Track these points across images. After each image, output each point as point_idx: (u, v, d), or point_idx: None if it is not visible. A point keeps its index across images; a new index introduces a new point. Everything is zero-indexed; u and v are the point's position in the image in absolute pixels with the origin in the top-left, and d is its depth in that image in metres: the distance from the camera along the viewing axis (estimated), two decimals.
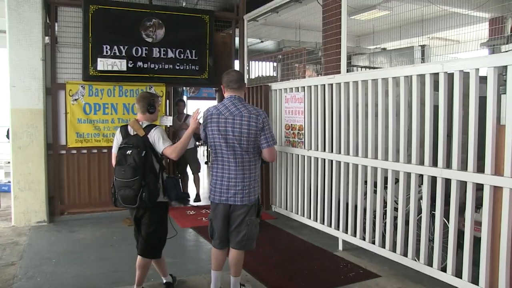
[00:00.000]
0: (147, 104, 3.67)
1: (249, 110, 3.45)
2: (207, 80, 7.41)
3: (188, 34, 7.20)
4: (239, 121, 3.41)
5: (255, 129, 3.41)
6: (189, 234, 5.87)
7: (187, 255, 5.08)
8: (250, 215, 3.55)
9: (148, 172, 3.48)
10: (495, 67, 3.46)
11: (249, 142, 3.42)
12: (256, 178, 3.57)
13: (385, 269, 4.46)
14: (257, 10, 7.33)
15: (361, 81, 4.73)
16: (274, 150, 3.55)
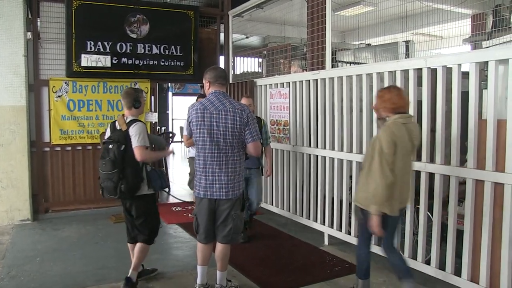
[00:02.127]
0: (133, 100, 3.82)
1: (234, 105, 3.46)
2: (192, 76, 7.38)
3: (173, 30, 7.16)
4: (224, 116, 3.41)
5: (240, 124, 3.41)
6: (175, 230, 5.85)
7: (173, 252, 5.07)
8: (235, 209, 3.57)
9: (127, 166, 3.68)
10: (477, 62, 3.51)
11: (234, 137, 3.42)
12: (241, 172, 3.58)
13: (370, 263, 4.49)
14: (242, 6, 7.31)
15: (346, 76, 4.76)
16: (259, 144, 3.54)
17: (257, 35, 11.80)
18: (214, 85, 3.55)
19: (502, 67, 3.39)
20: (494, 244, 3.43)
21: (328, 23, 5.05)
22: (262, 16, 9.72)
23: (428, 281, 3.97)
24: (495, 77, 3.37)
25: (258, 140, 3.50)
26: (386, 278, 4.16)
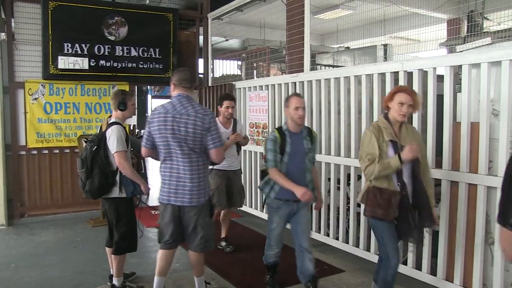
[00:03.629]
0: (118, 102, 3.80)
1: (196, 110, 3.29)
2: None
3: (151, 32, 7.12)
4: (184, 120, 3.24)
5: (201, 129, 3.25)
6: (153, 234, 5.80)
7: (152, 255, 5.02)
8: (203, 216, 3.44)
9: (96, 166, 3.67)
10: (451, 66, 3.59)
11: (195, 142, 3.27)
12: (206, 178, 3.44)
13: (349, 264, 4.54)
14: (222, 9, 7.33)
15: (324, 79, 4.81)
16: (221, 151, 3.38)
17: (236, 38, 11.82)
18: (178, 88, 3.38)
19: (475, 71, 3.46)
20: (468, 243, 3.51)
21: (306, 26, 5.10)
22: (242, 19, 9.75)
23: (405, 280, 4.02)
24: (468, 80, 3.45)
25: (220, 146, 3.37)
26: (365, 279, 4.20)
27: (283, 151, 3.58)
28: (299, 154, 3.63)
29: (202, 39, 7.91)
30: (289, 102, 3.64)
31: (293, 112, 3.57)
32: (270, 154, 3.58)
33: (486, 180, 3.33)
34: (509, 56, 3.16)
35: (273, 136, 3.64)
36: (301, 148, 3.65)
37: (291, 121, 3.64)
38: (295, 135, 3.65)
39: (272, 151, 3.58)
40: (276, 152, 3.57)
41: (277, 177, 3.55)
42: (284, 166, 3.60)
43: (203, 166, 3.39)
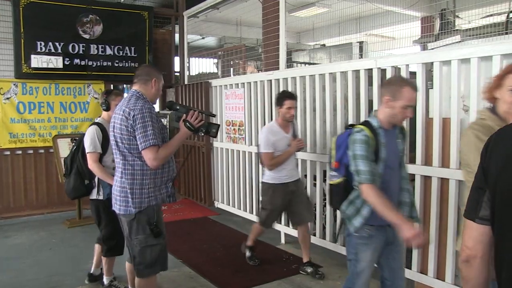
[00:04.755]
0: (101, 102, 3.85)
1: (128, 106, 2.85)
2: None
3: (127, 30, 7.07)
4: (119, 118, 2.89)
5: (126, 127, 2.82)
6: None
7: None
8: (136, 232, 2.88)
9: (74, 166, 3.75)
10: (423, 63, 3.65)
11: (123, 141, 2.84)
12: (143, 186, 2.87)
13: (326, 259, 4.59)
14: (197, 7, 7.30)
15: (299, 77, 4.84)
16: (151, 153, 2.77)
17: (213, 36, 11.77)
18: (133, 84, 3.07)
19: (446, 68, 3.54)
20: (441, 236, 3.58)
21: (282, 24, 5.12)
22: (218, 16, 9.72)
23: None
24: (439, 77, 3.52)
25: (152, 145, 2.76)
26: (342, 274, 4.25)
27: (376, 158, 2.55)
28: (394, 162, 2.68)
29: (178, 37, 7.87)
30: None
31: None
32: (363, 163, 2.48)
33: (458, 174, 3.39)
34: (478, 53, 3.23)
35: (364, 135, 2.53)
36: (396, 153, 2.71)
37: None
38: (389, 134, 2.65)
39: (365, 159, 2.49)
40: (371, 160, 2.51)
41: (376, 198, 2.45)
42: (378, 181, 2.54)
43: (140, 170, 2.85)
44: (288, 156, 4.11)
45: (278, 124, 4.16)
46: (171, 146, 2.91)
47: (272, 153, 4.07)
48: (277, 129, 4.14)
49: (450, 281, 3.49)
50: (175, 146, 2.95)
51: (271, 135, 4.08)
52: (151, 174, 2.88)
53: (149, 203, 2.88)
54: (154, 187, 2.90)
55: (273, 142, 4.06)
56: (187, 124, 2.95)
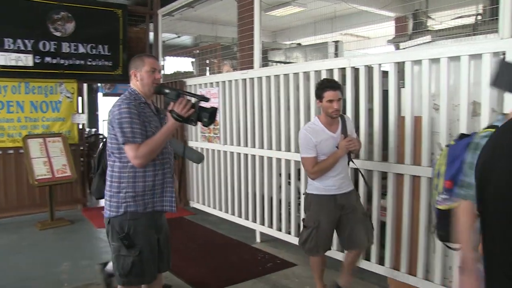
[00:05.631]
0: None
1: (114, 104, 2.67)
2: (121, 76, 7.21)
3: (100, 28, 6.96)
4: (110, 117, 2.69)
5: (108, 124, 2.66)
6: (105, 235, 5.63)
7: (103, 257, 4.90)
8: (111, 238, 2.66)
9: (100, 166, 3.54)
10: (395, 62, 3.70)
11: (110, 140, 2.64)
12: (119, 188, 2.60)
13: (301, 258, 4.60)
14: (172, 5, 7.23)
15: (274, 76, 4.85)
16: (130, 151, 2.51)
17: (188, 34, 11.72)
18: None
19: (417, 67, 3.58)
20: (413, 233, 3.63)
21: (256, 23, 5.11)
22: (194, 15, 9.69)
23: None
24: (411, 76, 3.57)
25: (130, 143, 2.51)
26: None
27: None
28: None
29: (153, 35, 7.79)
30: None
31: None
32: (469, 175, 1.70)
33: (429, 172, 3.44)
34: (447, 53, 3.29)
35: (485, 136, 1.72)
36: None
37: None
38: None
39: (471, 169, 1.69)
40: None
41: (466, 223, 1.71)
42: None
43: (118, 173, 2.62)
44: (335, 160, 3.26)
45: (321, 121, 3.35)
46: (154, 142, 2.54)
47: (314, 158, 3.28)
48: (320, 127, 3.33)
49: (422, 276, 3.54)
50: (160, 141, 2.57)
51: (312, 136, 3.28)
52: (129, 178, 2.59)
53: (126, 209, 2.57)
54: (135, 191, 2.58)
55: (315, 144, 3.26)
56: (174, 114, 2.55)
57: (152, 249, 2.69)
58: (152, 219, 2.68)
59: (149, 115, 2.64)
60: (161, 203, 2.70)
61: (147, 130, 2.58)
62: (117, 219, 2.60)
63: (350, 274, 3.54)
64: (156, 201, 2.67)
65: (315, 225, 3.33)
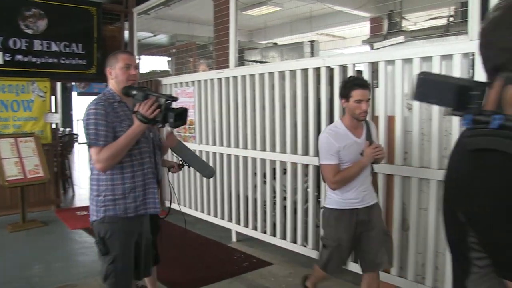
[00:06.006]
0: None
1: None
2: (95, 75, 7.11)
3: (73, 26, 6.84)
4: None
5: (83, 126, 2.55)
6: (80, 236, 5.60)
7: (78, 258, 4.85)
8: (96, 242, 2.57)
9: None
10: (369, 62, 3.74)
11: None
12: (98, 191, 2.53)
13: (277, 256, 4.62)
14: (147, 3, 7.16)
15: (249, 75, 4.84)
16: (92, 154, 2.45)
17: (164, 33, 11.62)
18: None
19: (390, 67, 3.63)
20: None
21: (232, 22, 5.10)
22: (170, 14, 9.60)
23: None
24: (384, 76, 3.61)
25: (95, 145, 2.42)
26: (292, 270, 4.29)
27: None
28: None
29: (128, 34, 7.70)
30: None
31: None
32: None
33: (402, 170, 3.50)
34: (420, 54, 3.34)
35: None
36: None
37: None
38: None
39: None
40: None
41: None
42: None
43: (97, 175, 2.54)
44: (360, 169, 2.89)
45: (345, 124, 2.98)
46: (116, 146, 2.43)
47: (336, 166, 2.89)
48: (344, 131, 2.94)
49: (396, 273, 3.59)
50: (124, 145, 2.44)
51: (335, 140, 2.89)
52: (107, 180, 2.50)
53: (105, 213, 2.49)
54: (113, 194, 2.49)
55: (338, 149, 2.87)
56: (138, 115, 2.45)
57: (128, 259, 2.58)
58: (133, 224, 2.58)
59: (122, 115, 2.52)
60: (144, 206, 2.59)
61: (118, 131, 2.47)
62: (96, 223, 2.54)
63: None
64: (139, 204, 2.56)
65: (335, 244, 2.96)
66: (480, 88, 0.98)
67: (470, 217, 1.01)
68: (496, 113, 0.94)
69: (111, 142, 2.43)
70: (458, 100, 1.01)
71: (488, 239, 0.98)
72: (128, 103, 2.58)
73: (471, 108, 0.98)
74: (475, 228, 1.00)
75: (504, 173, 0.93)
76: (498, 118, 0.93)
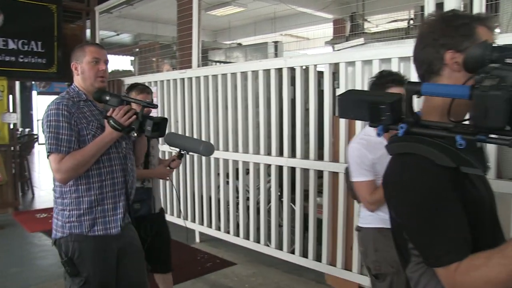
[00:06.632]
0: None
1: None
2: (56, 74, 6.94)
3: (32, 24, 6.65)
4: None
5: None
6: (39, 239, 5.46)
7: (36, 262, 4.73)
8: (64, 264, 2.20)
9: None
10: (330, 64, 3.80)
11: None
12: (63, 204, 2.18)
13: (240, 256, 4.64)
14: (110, 2, 7.03)
15: (212, 75, 4.84)
16: (52, 163, 2.11)
17: (128, 32, 11.46)
18: None
19: (350, 68, 3.70)
20: (348, 229, 3.74)
21: (195, 22, 5.08)
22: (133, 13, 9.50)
23: (293, 269, 4.21)
24: (345, 77, 3.67)
25: (55, 152, 2.09)
26: (256, 270, 4.32)
27: None
28: None
29: (90, 33, 7.55)
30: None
31: None
32: None
33: None
34: (379, 55, 3.41)
35: None
36: None
37: None
38: None
39: None
40: None
41: None
42: None
43: (59, 186, 2.20)
44: None
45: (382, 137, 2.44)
46: (83, 154, 2.11)
47: (372, 182, 2.33)
48: (377, 139, 2.21)
49: (357, 271, 3.65)
50: (91, 153, 2.13)
51: (368, 151, 2.33)
52: (71, 192, 2.16)
53: (70, 230, 2.15)
54: (79, 209, 2.15)
55: (373, 162, 2.31)
56: (111, 121, 2.15)
57: (106, 279, 2.21)
58: (105, 242, 2.21)
59: (89, 115, 2.21)
60: (115, 223, 2.22)
61: (84, 134, 2.16)
62: (62, 241, 2.18)
63: None
64: (110, 221, 2.21)
65: (394, 269, 2.25)
66: (388, 101, 1.10)
67: (396, 212, 1.17)
68: (404, 122, 1.10)
69: (75, 149, 2.11)
70: (371, 114, 1.13)
71: (407, 231, 1.13)
72: (96, 103, 2.30)
73: (382, 120, 1.11)
74: (400, 222, 1.15)
75: (413, 171, 1.09)
76: (403, 127, 1.09)
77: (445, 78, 1.12)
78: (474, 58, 1.01)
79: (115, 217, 2.22)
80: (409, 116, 1.09)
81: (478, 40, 1.07)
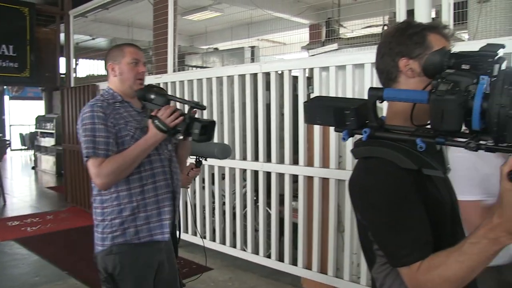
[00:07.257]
0: None
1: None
2: (29, 79, 6.85)
3: (4, 27, 6.58)
4: None
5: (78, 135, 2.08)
6: (10, 247, 5.33)
7: (8, 271, 4.61)
8: (104, 282, 2.06)
9: None
10: (304, 69, 3.84)
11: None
12: (103, 214, 2.06)
13: (217, 261, 4.62)
14: (85, 6, 6.96)
15: (187, 80, 4.83)
16: (91, 167, 1.97)
17: (103, 36, 11.33)
18: None
19: (325, 74, 3.74)
20: (323, 233, 3.77)
21: (170, 27, 5.07)
22: (109, 17, 9.41)
23: (270, 273, 4.22)
24: (319, 82, 3.71)
25: (92, 157, 1.96)
26: (232, 275, 4.31)
27: None
28: None
29: (64, 37, 7.46)
30: None
31: None
32: None
33: (337, 174, 3.60)
34: (352, 61, 3.46)
35: None
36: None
37: None
38: None
39: None
40: None
41: None
42: None
43: (99, 195, 2.08)
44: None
45: None
46: (125, 157, 1.98)
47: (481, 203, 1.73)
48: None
49: (332, 274, 3.68)
50: (134, 156, 1.99)
51: (479, 162, 1.72)
52: (112, 200, 2.03)
53: (112, 240, 2.02)
54: (121, 217, 2.02)
55: (483, 177, 1.71)
56: (156, 122, 2.00)
57: None
58: (150, 252, 2.10)
59: (126, 115, 2.08)
60: (160, 229, 2.09)
61: (123, 135, 2.03)
62: (101, 256, 2.05)
63: None
64: (155, 227, 2.08)
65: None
66: (353, 106, 1.14)
67: (362, 214, 1.20)
68: (368, 127, 1.13)
69: (113, 151, 1.98)
70: (336, 120, 1.17)
71: (372, 232, 1.16)
72: (133, 103, 2.16)
73: (347, 124, 1.15)
74: (366, 224, 1.18)
75: (377, 174, 1.12)
76: (366, 131, 1.13)
77: (402, 84, 1.18)
78: (433, 64, 1.05)
79: (160, 223, 2.09)
80: (373, 121, 1.12)
81: (430, 47, 1.12)
